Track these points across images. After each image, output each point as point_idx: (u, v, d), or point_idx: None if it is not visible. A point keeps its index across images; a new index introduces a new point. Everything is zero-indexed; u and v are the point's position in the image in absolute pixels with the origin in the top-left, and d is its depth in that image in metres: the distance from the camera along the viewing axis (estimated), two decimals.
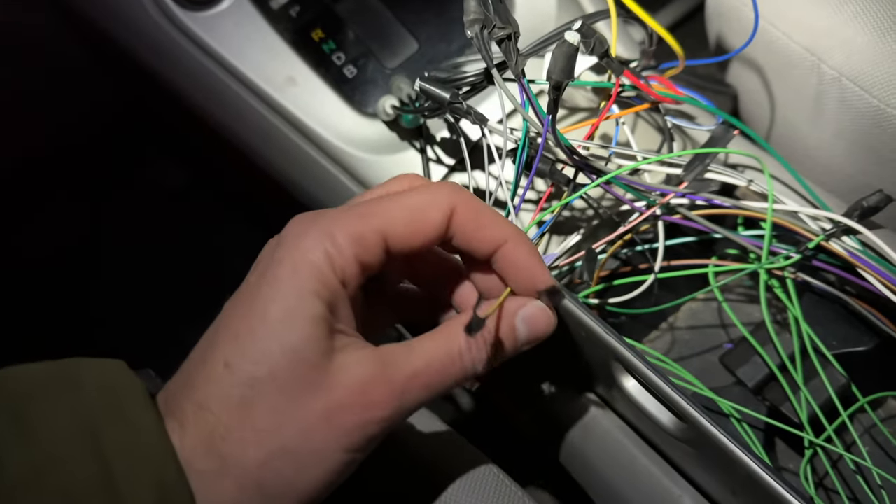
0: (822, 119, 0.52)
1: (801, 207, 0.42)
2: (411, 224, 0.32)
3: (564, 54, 0.33)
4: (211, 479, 0.28)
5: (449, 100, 0.41)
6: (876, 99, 0.47)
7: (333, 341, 0.30)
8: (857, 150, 0.51)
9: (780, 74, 0.54)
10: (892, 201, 0.41)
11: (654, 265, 0.45)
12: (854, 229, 0.41)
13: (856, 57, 0.48)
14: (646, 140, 0.50)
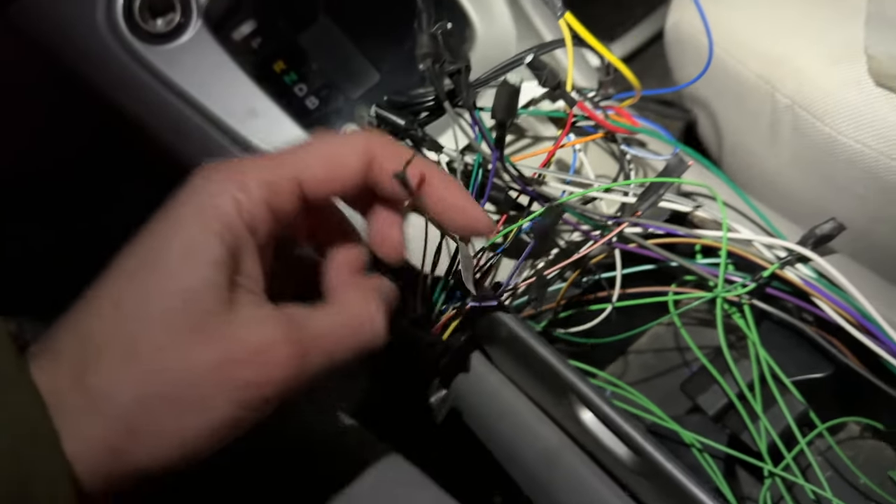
0: (777, 146, 0.53)
1: (756, 236, 0.42)
2: (328, 169, 0.30)
3: (507, 94, 0.33)
4: (78, 415, 0.26)
5: (404, 126, 0.41)
6: (828, 127, 0.48)
7: (235, 293, 0.28)
8: (813, 176, 0.51)
9: (737, 101, 0.55)
10: (844, 229, 0.42)
11: (611, 294, 0.45)
12: (808, 258, 0.41)
13: (808, 86, 0.49)
14: (604, 167, 0.50)
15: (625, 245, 0.43)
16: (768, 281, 0.42)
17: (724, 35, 0.54)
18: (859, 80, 0.47)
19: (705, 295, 0.44)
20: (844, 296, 0.41)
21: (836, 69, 0.48)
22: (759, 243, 0.43)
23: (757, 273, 0.42)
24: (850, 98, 0.47)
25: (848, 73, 0.47)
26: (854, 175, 0.48)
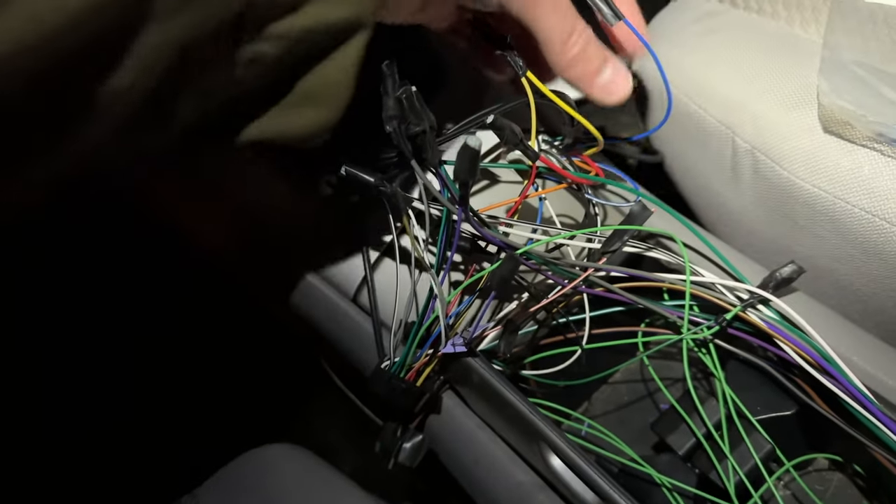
0: (740, 187, 0.54)
1: (719, 279, 0.43)
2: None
3: (467, 158, 0.34)
4: None
5: (374, 183, 0.42)
6: (786, 171, 0.49)
7: None
8: (775, 217, 0.53)
9: (700, 145, 0.57)
10: (803, 272, 0.43)
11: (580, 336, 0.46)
12: (769, 300, 0.43)
13: (765, 131, 0.50)
14: (572, 211, 0.51)
15: (591, 290, 0.44)
16: (731, 323, 0.43)
17: (684, 80, 0.56)
18: (813, 126, 0.48)
19: (672, 337, 0.45)
20: (805, 337, 0.42)
21: (792, 115, 0.49)
22: (722, 286, 0.44)
23: (720, 315, 0.43)
24: (805, 143, 0.48)
25: (803, 119, 0.49)
26: (813, 217, 0.49)
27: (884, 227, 0.46)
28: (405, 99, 0.37)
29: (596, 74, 0.41)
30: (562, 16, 0.38)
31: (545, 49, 0.40)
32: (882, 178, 0.46)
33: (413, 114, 0.38)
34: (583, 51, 0.40)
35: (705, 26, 0.57)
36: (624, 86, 0.42)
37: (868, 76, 0.49)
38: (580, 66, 0.40)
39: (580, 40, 0.39)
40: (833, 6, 0.54)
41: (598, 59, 0.41)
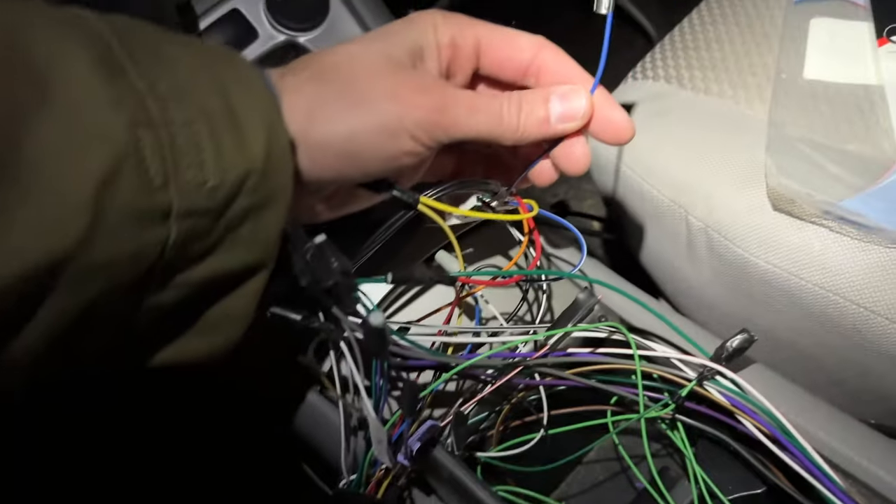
0: (698, 264, 0.55)
1: (672, 352, 0.43)
2: (504, 40, 0.40)
3: (372, 335, 0.35)
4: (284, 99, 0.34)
5: (300, 321, 0.41)
6: (740, 249, 0.50)
7: (415, 66, 0.38)
8: (734, 291, 0.53)
9: (656, 222, 0.58)
10: (754, 341, 0.42)
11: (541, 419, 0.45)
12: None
13: (717, 210, 0.51)
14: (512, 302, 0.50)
15: (542, 381, 0.44)
16: (687, 398, 0.43)
17: (636, 160, 0.57)
18: (762, 205, 0.49)
19: (630, 416, 0.45)
20: (763, 408, 0.41)
21: (742, 194, 0.50)
22: (676, 361, 0.44)
23: (677, 391, 0.43)
24: (757, 221, 0.49)
25: (753, 197, 0.50)
26: (769, 292, 0.50)
27: (838, 301, 0.46)
28: (311, 256, 0.37)
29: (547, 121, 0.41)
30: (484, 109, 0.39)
31: (500, 145, 0.41)
32: (832, 254, 0.46)
33: (322, 267, 0.37)
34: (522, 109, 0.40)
35: (654, 108, 0.58)
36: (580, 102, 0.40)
37: (813, 152, 0.51)
38: (528, 122, 0.40)
39: (514, 104, 0.39)
40: (776, 84, 0.56)
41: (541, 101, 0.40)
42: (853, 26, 0.58)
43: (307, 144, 0.35)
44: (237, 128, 0.31)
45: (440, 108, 0.37)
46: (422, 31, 0.39)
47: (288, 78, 0.36)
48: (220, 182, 0.30)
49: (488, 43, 0.40)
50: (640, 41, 1.26)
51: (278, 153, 0.33)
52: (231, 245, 0.32)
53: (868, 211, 0.46)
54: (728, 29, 0.61)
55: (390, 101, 0.36)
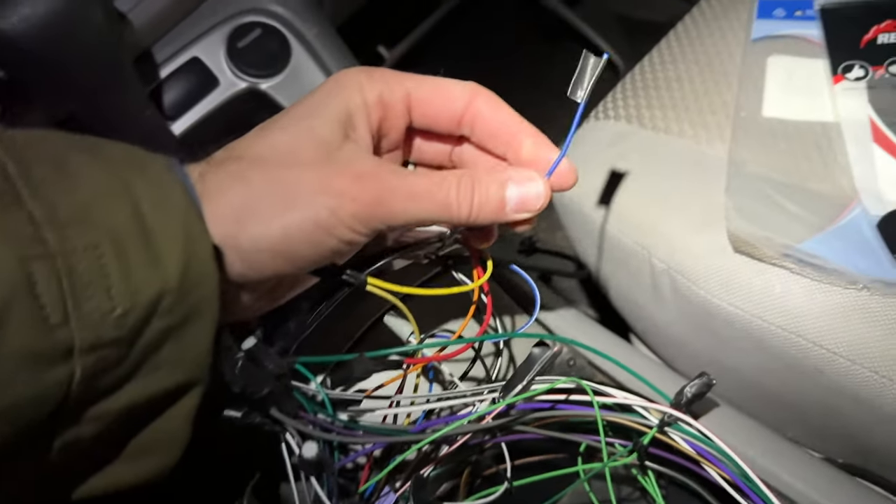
0: (663, 304, 0.55)
1: (636, 399, 0.42)
2: (435, 92, 0.39)
3: (310, 466, 0.34)
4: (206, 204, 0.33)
5: (239, 420, 0.39)
6: (703, 290, 0.50)
7: (347, 141, 0.36)
8: (699, 331, 0.53)
9: (621, 264, 0.58)
10: (713, 386, 0.42)
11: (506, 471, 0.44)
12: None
13: (679, 252, 0.51)
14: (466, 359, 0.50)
15: (503, 437, 0.43)
16: (654, 444, 0.43)
17: (600, 201, 0.57)
18: (723, 247, 0.49)
19: (595, 466, 0.45)
20: (725, 454, 0.41)
21: (703, 236, 0.51)
22: (637, 407, 0.43)
23: (638, 439, 0.43)
24: (718, 264, 0.49)
25: (713, 240, 0.50)
26: (734, 333, 0.50)
27: (800, 343, 0.46)
28: (241, 365, 0.36)
29: (502, 208, 0.38)
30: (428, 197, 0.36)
31: (449, 224, 0.39)
32: (793, 296, 0.47)
33: (254, 374, 0.36)
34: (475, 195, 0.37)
35: (616, 148, 0.58)
36: (538, 192, 0.38)
37: (772, 191, 0.51)
38: (482, 211, 0.37)
39: (465, 189, 0.37)
40: (735, 122, 0.56)
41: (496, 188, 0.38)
42: (809, 64, 0.58)
43: (238, 249, 0.33)
44: (149, 244, 0.29)
45: (378, 200, 0.34)
46: (348, 95, 0.37)
47: (209, 178, 0.33)
48: (130, 307, 0.28)
49: (418, 96, 0.39)
50: (608, 73, 1.26)
51: (198, 266, 0.31)
52: (152, 369, 0.30)
53: (827, 252, 0.46)
54: (687, 67, 0.62)
55: (323, 195, 0.34)
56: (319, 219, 0.34)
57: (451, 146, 0.43)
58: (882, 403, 0.45)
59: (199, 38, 0.59)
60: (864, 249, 0.47)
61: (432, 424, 0.41)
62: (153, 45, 0.58)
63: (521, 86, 1.32)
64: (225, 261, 0.33)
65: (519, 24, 1.38)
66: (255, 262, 0.34)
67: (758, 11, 0.63)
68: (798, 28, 0.61)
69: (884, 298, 0.45)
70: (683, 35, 0.65)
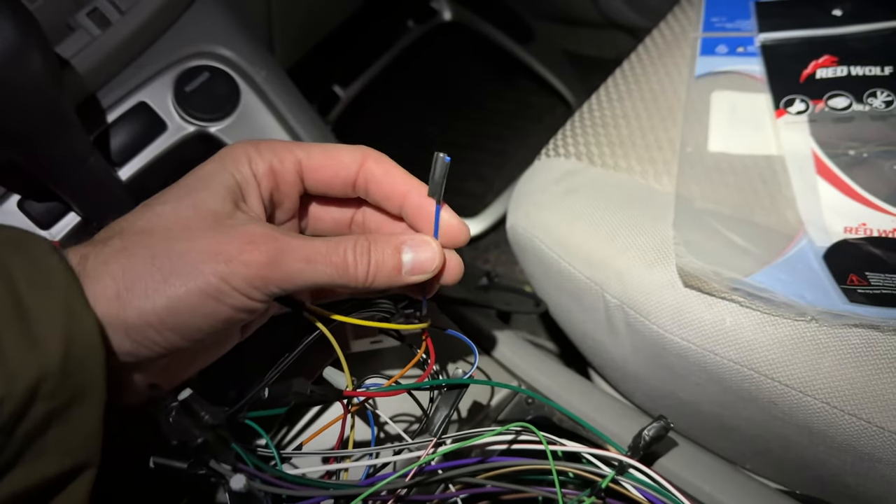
0: (618, 338, 0.55)
1: (588, 449, 0.42)
2: (326, 156, 0.39)
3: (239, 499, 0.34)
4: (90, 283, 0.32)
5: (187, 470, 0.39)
6: (655, 325, 0.50)
7: (238, 208, 0.36)
8: (654, 365, 0.53)
9: (575, 298, 0.58)
10: (670, 430, 0.42)
11: None
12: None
13: (630, 287, 0.51)
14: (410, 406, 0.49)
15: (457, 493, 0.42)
16: (606, 493, 0.42)
17: (553, 240, 0.57)
18: (674, 281, 0.50)
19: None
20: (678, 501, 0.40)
21: (652, 272, 0.51)
22: (590, 456, 0.42)
23: (596, 485, 0.42)
24: (668, 299, 0.50)
25: (663, 275, 0.50)
26: (687, 367, 0.50)
27: (753, 376, 0.47)
28: (175, 416, 0.35)
29: (398, 272, 0.39)
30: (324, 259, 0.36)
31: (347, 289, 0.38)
32: (744, 330, 0.47)
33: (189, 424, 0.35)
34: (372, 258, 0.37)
35: (566, 185, 0.59)
36: (431, 261, 0.39)
37: (719, 225, 0.52)
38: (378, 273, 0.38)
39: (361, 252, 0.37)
40: (682, 158, 0.57)
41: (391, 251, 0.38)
42: (752, 99, 0.60)
43: (124, 326, 0.32)
44: (26, 325, 0.28)
45: (271, 262, 0.34)
46: (236, 168, 0.37)
47: (92, 258, 0.33)
48: (7, 394, 0.27)
49: (309, 164, 0.39)
50: (561, 108, 1.29)
51: (82, 345, 0.30)
52: (37, 455, 0.29)
53: (774, 285, 0.47)
54: (634, 105, 0.63)
55: (211, 262, 0.33)
56: (209, 287, 0.33)
57: (351, 211, 0.43)
58: (834, 434, 0.45)
59: (146, 83, 0.58)
60: (812, 281, 0.47)
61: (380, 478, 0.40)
62: (98, 91, 0.57)
63: (476, 121, 1.34)
64: (111, 340, 0.32)
65: (472, 61, 1.40)
66: (143, 339, 0.33)
67: (701, 48, 0.65)
68: (740, 64, 0.62)
69: (832, 329, 0.46)
70: (629, 72, 0.66)
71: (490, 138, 1.31)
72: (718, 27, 0.66)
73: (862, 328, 0.45)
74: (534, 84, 1.32)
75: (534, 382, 0.56)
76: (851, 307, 0.46)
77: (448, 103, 1.37)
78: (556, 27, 1.34)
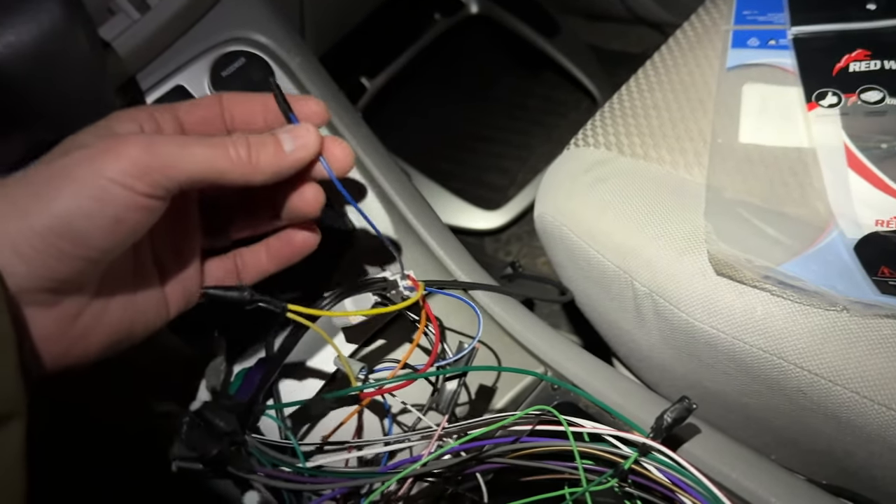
0: (646, 327, 0.55)
1: (611, 431, 0.42)
2: (192, 106, 0.42)
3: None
4: None
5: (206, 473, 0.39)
6: (685, 314, 0.50)
7: None
8: (682, 354, 0.54)
9: (604, 288, 0.58)
10: (693, 410, 0.42)
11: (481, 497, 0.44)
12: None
13: (660, 276, 0.52)
14: None
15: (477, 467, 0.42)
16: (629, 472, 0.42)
17: (582, 228, 0.58)
18: (705, 270, 0.50)
19: (577, 490, 0.44)
20: (701, 484, 0.40)
21: (683, 260, 0.51)
22: (612, 439, 0.43)
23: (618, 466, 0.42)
24: (699, 287, 0.50)
25: (694, 263, 0.51)
26: (716, 356, 0.50)
27: (782, 365, 0.47)
28: (185, 432, 0.36)
29: (280, 151, 0.39)
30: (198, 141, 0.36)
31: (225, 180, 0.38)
32: (775, 319, 0.47)
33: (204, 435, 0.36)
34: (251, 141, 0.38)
35: (596, 175, 0.59)
36: (308, 133, 0.39)
37: (751, 216, 0.52)
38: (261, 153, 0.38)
39: (239, 139, 0.38)
40: (713, 149, 0.57)
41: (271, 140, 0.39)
42: (784, 91, 0.60)
43: (13, 246, 0.31)
44: None
45: (146, 148, 0.34)
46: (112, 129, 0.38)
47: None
48: None
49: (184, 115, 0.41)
50: (586, 102, 1.29)
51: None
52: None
53: (806, 274, 0.47)
54: (664, 95, 0.63)
55: (87, 162, 0.33)
56: (94, 188, 0.32)
57: None
58: (863, 424, 0.45)
59: (184, 67, 0.59)
60: (843, 272, 0.48)
61: (400, 463, 0.41)
62: (137, 74, 0.58)
63: (500, 114, 1.34)
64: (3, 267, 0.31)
65: (498, 54, 1.40)
66: (37, 258, 0.32)
67: (732, 41, 0.65)
68: (772, 57, 0.62)
69: (863, 320, 0.46)
70: (660, 64, 0.67)
71: (514, 132, 1.31)
72: (750, 20, 0.66)
73: (893, 318, 0.46)
74: (559, 78, 1.32)
75: (560, 368, 0.56)
76: (883, 298, 0.46)
77: (473, 96, 1.37)
78: (583, 22, 1.35)
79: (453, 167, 1.29)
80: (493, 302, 0.57)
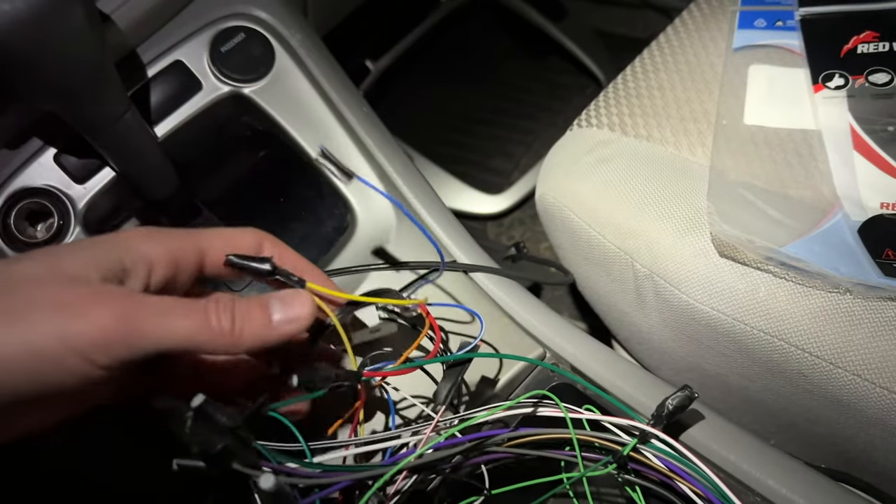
0: (646, 309, 0.55)
1: (610, 419, 0.42)
2: (225, 246, 0.38)
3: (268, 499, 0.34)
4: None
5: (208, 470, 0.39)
6: (685, 295, 0.50)
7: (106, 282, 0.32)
8: (682, 337, 0.53)
9: (604, 269, 0.57)
10: (695, 399, 0.42)
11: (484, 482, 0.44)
12: None
13: (662, 257, 0.51)
14: None
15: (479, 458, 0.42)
16: (627, 460, 0.42)
17: (582, 209, 0.57)
18: (707, 251, 0.49)
19: (574, 475, 0.44)
20: (699, 472, 0.40)
21: (685, 241, 0.51)
22: (612, 425, 0.42)
23: (618, 452, 0.42)
24: (700, 268, 0.49)
25: (696, 244, 0.50)
26: (716, 338, 0.50)
27: (783, 347, 0.46)
28: (190, 425, 0.35)
29: (268, 322, 0.36)
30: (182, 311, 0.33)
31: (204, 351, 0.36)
32: (777, 300, 0.47)
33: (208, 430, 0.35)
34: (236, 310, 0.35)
35: (598, 155, 0.59)
36: (302, 306, 0.37)
37: (754, 198, 0.51)
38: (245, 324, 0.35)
39: (224, 306, 0.35)
40: (717, 130, 0.57)
41: (259, 309, 0.36)
42: (790, 73, 0.59)
43: None
44: None
45: (122, 318, 0.30)
46: (126, 250, 0.34)
47: None
48: None
49: (209, 246, 0.37)
50: (591, 87, 1.28)
51: None
52: None
53: (809, 256, 0.47)
54: (669, 76, 0.62)
55: (53, 311, 0.29)
56: (45, 346, 0.29)
57: None
58: (864, 407, 0.45)
59: (183, 42, 0.59)
60: (846, 254, 0.47)
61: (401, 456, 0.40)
62: (137, 47, 0.58)
63: (505, 98, 1.33)
64: None
65: (504, 38, 1.39)
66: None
67: (739, 22, 0.64)
68: (779, 38, 0.61)
69: (866, 302, 0.45)
70: (665, 45, 0.66)
71: (519, 116, 1.30)
72: (757, 1, 0.65)
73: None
74: (565, 63, 1.31)
75: (559, 350, 0.56)
76: (887, 280, 0.45)
77: (478, 80, 1.36)
78: (589, 5, 1.33)
79: (456, 151, 1.28)
80: (494, 284, 0.56)
